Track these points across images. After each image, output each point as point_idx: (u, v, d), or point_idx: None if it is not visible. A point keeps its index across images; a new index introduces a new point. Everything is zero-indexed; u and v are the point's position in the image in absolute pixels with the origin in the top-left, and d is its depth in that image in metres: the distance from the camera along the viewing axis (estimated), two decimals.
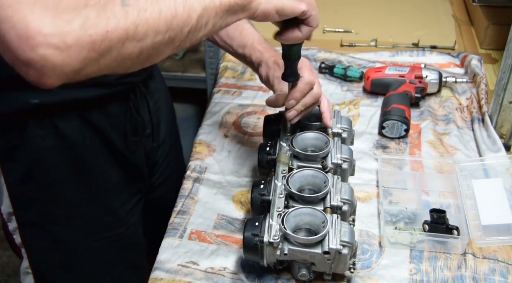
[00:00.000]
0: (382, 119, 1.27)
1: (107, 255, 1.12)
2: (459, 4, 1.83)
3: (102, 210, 1.07)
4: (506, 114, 1.25)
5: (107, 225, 1.09)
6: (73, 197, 1.03)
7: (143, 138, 1.11)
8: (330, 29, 1.70)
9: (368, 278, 0.98)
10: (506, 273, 0.98)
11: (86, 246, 1.08)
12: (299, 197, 0.94)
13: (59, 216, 1.04)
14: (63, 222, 1.04)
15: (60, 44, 0.61)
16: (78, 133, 0.98)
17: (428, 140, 1.27)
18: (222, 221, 1.09)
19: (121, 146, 1.05)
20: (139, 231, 1.19)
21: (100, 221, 1.08)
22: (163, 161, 1.24)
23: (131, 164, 1.09)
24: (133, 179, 1.12)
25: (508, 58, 1.20)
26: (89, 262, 1.10)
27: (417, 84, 1.35)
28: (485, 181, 1.13)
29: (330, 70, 1.49)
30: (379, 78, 1.38)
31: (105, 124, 1.01)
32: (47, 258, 1.08)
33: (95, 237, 1.08)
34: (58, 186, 1.01)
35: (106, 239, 1.10)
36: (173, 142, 1.29)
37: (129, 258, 1.16)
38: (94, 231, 1.08)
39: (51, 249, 1.06)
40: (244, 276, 0.98)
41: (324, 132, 1.06)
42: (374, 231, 1.06)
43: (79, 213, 1.05)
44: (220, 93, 1.44)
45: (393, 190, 1.13)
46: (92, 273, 1.12)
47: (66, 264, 1.08)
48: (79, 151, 0.99)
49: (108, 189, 1.07)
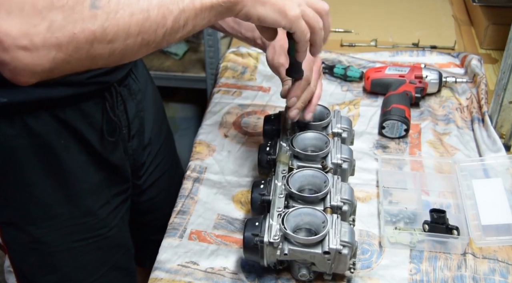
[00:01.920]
0: (382, 119, 1.27)
1: (89, 256, 1.10)
2: (459, 4, 1.83)
3: (80, 210, 1.05)
4: (506, 114, 1.25)
5: (87, 226, 1.07)
6: (50, 197, 1.01)
7: (119, 139, 1.08)
8: (330, 29, 1.70)
9: (368, 278, 0.98)
10: (506, 273, 0.98)
11: (66, 247, 1.06)
12: (299, 197, 0.94)
13: (36, 216, 1.02)
14: (41, 222, 1.02)
15: (29, 46, 0.63)
16: (52, 132, 0.95)
17: (428, 140, 1.27)
18: (222, 221, 1.09)
19: (98, 146, 1.02)
20: (123, 232, 1.16)
21: (79, 221, 1.05)
22: (151, 162, 1.22)
23: (111, 164, 1.07)
24: (114, 180, 1.10)
25: (508, 58, 1.20)
26: (71, 262, 1.08)
27: (417, 84, 1.35)
28: (485, 181, 1.13)
29: (330, 70, 1.49)
30: (379, 78, 1.38)
31: (80, 124, 0.98)
32: (27, 258, 1.06)
33: (75, 237, 1.06)
34: (34, 186, 0.99)
35: (86, 240, 1.07)
36: (163, 143, 1.26)
37: (113, 259, 1.14)
38: (73, 231, 1.05)
39: (31, 249, 1.05)
40: (244, 276, 0.98)
41: (324, 132, 1.06)
42: (374, 231, 1.06)
43: (57, 213, 1.03)
44: (220, 93, 1.44)
45: (393, 190, 1.13)
46: (75, 274, 1.10)
47: (47, 264, 1.07)
48: (54, 150, 0.97)
49: (86, 190, 1.04)
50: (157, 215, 1.29)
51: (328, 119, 1.09)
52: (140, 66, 1.17)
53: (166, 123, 1.32)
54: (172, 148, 1.36)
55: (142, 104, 1.14)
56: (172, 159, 1.34)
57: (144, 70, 1.20)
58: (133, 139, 1.13)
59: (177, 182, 1.24)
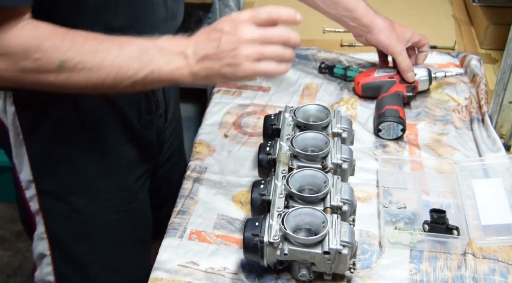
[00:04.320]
0: (378, 122, 1.27)
1: (120, 229, 1.16)
2: (459, 4, 1.83)
3: (117, 184, 1.13)
4: (506, 114, 1.25)
5: (122, 200, 1.14)
6: (91, 170, 1.08)
7: (156, 118, 1.16)
8: (330, 29, 1.70)
9: (368, 278, 0.98)
10: (506, 273, 0.98)
11: (101, 218, 1.13)
12: (299, 197, 0.94)
13: (77, 187, 1.09)
14: (81, 194, 1.10)
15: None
16: (96, 109, 1.04)
17: (427, 140, 1.27)
18: (222, 221, 1.09)
19: (136, 124, 1.10)
20: (147, 206, 1.23)
21: (115, 195, 1.13)
22: (168, 139, 1.29)
23: (145, 142, 1.15)
24: (146, 157, 1.18)
25: (508, 58, 1.20)
26: (103, 233, 1.14)
27: (408, 84, 1.34)
28: (485, 181, 1.13)
29: (330, 70, 1.48)
30: (369, 82, 1.37)
31: (121, 102, 1.06)
32: (63, 225, 1.12)
33: (110, 210, 1.13)
34: (77, 160, 1.07)
35: (120, 213, 1.15)
36: (177, 123, 1.35)
37: (138, 233, 1.21)
38: (110, 204, 1.13)
39: (68, 218, 1.11)
40: (244, 276, 0.98)
41: (324, 132, 1.06)
42: (374, 231, 1.06)
43: (97, 186, 1.10)
44: (220, 93, 1.44)
45: (393, 190, 1.13)
46: (105, 245, 1.16)
47: (81, 233, 1.13)
48: (97, 127, 1.06)
49: (123, 165, 1.13)
50: (165, 190, 1.36)
51: (328, 119, 1.09)
52: None
53: (178, 105, 1.40)
54: (181, 126, 1.42)
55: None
56: (180, 136, 1.41)
57: None
58: (160, 118, 1.20)
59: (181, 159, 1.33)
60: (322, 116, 1.10)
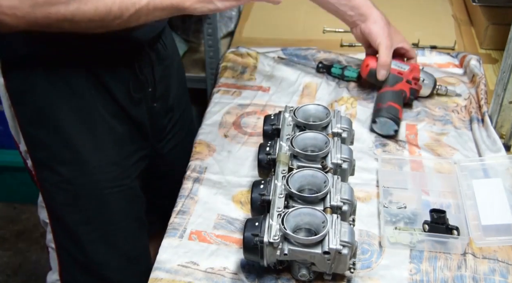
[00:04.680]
0: (376, 114, 1.26)
1: (114, 204, 1.17)
2: (459, 4, 1.83)
3: (106, 159, 1.14)
4: (506, 114, 1.25)
5: (113, 175, 1.16)
6: (80, 143, 1.11)
7: (143, 98, 1.18)
8: (330, 29, 1.70)
9: (368, 278, 0.98)
10: (506, 273, 0.98)
11: (92, 192, 1.14)
12: (299, 197, 0.94)
13: (67, 159, 1.12)
14: (70, 165, 1.12)
15: (12, 16, 0.87)
16: (83, 83, 1.07)
17: (426, 140, 1.27)
18: (222, 221, 1.09)
19: (122, 100, 1.13)
20: (142, 186, 1.25)
21: (105, 170, 1.15)
22: (171, 128, 1.31)
23: (132, 120, 1.17)
24: (136, 136, 1.20)
25: (508, 58, 1.20)
26: (95, 206, 1.16)
27: (413, 86, 1.33)
28: (485, 181, 1.13)
29: (327, 70, 1.48)
30: None
31: (109, 78, 1.09)
32: (56, 196, 1.15)
33: (101, 185, 1.15)
34: (65, 131, 1.09)
35: (112, 188, 1.16)
36: (182, 113, 1.35)
37: (135, 209, 1.22)
38: (100, 179, 1.14)
39: (60, 188, 1.13)
40: (244, 276, 0.98)
41: (324, 132, 1.06)
42: (374, 231, 1.06)
43: (85, 159, 1.12)
44: (219, 93, 1.44)
45: (393, 190, 1.13)
46: (98, 218, 1.17)
47: (73, 204, 1.15)
48: (84, 99, 1.08)
49: (111, 140, 1.14)
50: (168, 181, 1.36)
51: (328, 119, 1.09)
52: (169, 37, 1.28)
53: (186, 97, 1.41)
54: (190, 120, 1.43)
55: (169, 70, 1.24)
56: (188, 129, 1.41)
57: (172, 42, 1.32)
58: (157, 101, 1.22)
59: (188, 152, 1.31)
60: (322, 116, 1.10)
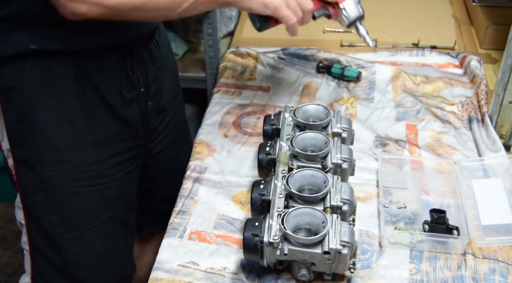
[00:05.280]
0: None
1: (91, 203, 1.15)
2: (459, 4, 1.84)
3: (88, 159, 1.12)
4: (506, 114, 1.25)
5: (92, 173, 1.13)
6: (62, 142, 1.09)
7: (135, 97, 1.15)
8: (330, 29, 1.70)
9: (368, 278, 0.98)
10: (506, 273, 0.98)
11: (71, 191, 1.12)
12: (299, 197, 0.94)
13: (47, 158, 1.10)
14: (51, 165, 1.10)
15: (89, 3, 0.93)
16: (72, 81, 1.05)
17: (426, 140, 1.27)
18: (222, 221, 1.09)
19: (113, 100, 1.11)
20: (128, 187, 1.22)
21: (86, 168, 1.12)
22: (163, 129, 1.28)
23: (123, 119, 1.15)
24: (126, 135, 1.17)
25: (508, 58, 1.20)
26: (74, 206, 1.14)
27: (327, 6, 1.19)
28: (485, 181, 1.13)
29: (327, 70, 1.48)
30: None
31: (99, 77, 1.07)
32: (35, 196, 1.13)
33: (80, 183, 1.13)
34: (48, 130, 1.08)
35: (90, 187, 1.14)
36: (174, 114, 1.32)
37: (113, 209, 1.20)
38: (80, 177, 1.12)
39: (39, 188, 1.12)
40: (244, 276, 0.98)
41: (324, 132, 1.06)
42: (374, 231, 1.06)
43: (66, 159, 1.10)
44: (220, 93, 1.44)
45: (393, 190, 1.13)
46: (77, 218, 1.15)
47: (52, 205, 1.13)
48: (71, 99, 1.07)
49: (97, 140, 1.12)
50: (161, 183, 1.35)
51: (328, 119, 1.08)
52: (163, 37, 1.27)
53: (180, 98, 1.38)
54: (182, 119, 1.40)
55: (161, 71, 1.22)
56: (181, 130, 1.38)
57: (167, 43, 1.30)
58: (150, 101, 1.20)
59: (184, 155, 1.31)
60: (322, 116, 1.10)
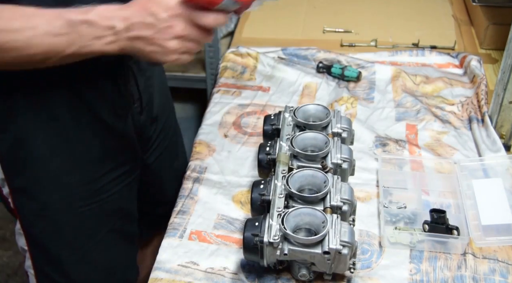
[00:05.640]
0: None
1: (90, 220, 1.15)
2: (459, 4, 1.84)
3: (86, 178, 1.11)
4: (506, 114, 1.25)
5: (90, 192, 1.12)
6: (59, 167, 1.07)
7: (129, 112, 1.13)
8: (330, 29, 1.71)
9: (368, 278, 0.98)
10: (506, 273, 0.98)
11: (71, 213, 1.12)
12: (299, 197, 0.94)
13: (46, 185, 1.08)
14: (51, 191, 1.09)
15: None
16: (64, 104, 1.02)
17: (426, 140, 1.27)
18: (222, 221, 1.09)
19: (107, 117, 1.08)
20: (126, 199, 1.21)
21: (84, 188, 1.11)
22: (156, 137, 1.26)
23: (119, 135, 1.13)
24: (121, 150, 1.15)
25: (508, 58, 1.20)
26: (73, 226, 1.13)
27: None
28: (485, 181, 1.13)
29: (327, 70, 1.49)
30: None
31: (92, 96, 1.05)
32: (36, 223, 1.12)
33: (79, 203, 1.12)
34: (45, 157, 1.06)
35: (89, 205, 1.13)
36: (166, 120, 1.30)
37: (111, 222, 1.19)
38: (79, 198, 1.11)
39: (40, 216, 1.10)
40: (244, 276, 0.98)
41: (324, 132, 1.06)
42: (374, 231, 1.06)
43: (66, 182, 1.09)
44: (219, 93, 1.44)
45: (393, 190, 1.13)
46: (77, 237, 1.15)
47: (54, 230, 1.12)
48: (65, 123, 1.04)
49: (93, 159, 1.11)
50: (157, 190, 1.34)
51: (328, 119, 1.08)
52: None
53: (169, 104, 1.36)
54: (173, 125, 1.38)
55: (151, 80, 1.19)
56: (172, 135, 1.36)
57: None
58: (142, 114, 1.17)
59: (178, 159, 1.29)
60: (322, 116, 1.10)
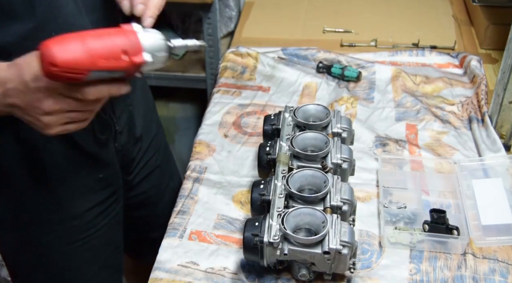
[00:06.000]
0: None
1: (79, 257, 1.11)
2: (459, 4, 1.84)
3: (69, 214, 1.06)
4: (506, 114, 1.25)
5: (75, 229, 1.08)
6: (38, 203, 1.03)
7: (111, 137, 1.07)
8: (330, 29, 1.71)
9: (368, 278, 0.98)
10: (506, 273, 0.98)
11: (56, 249, 1.08)
12: (299, 197, 0.94)
13: (25, 221, 1.04)
14: (30, 227, 1.05)
15: None
16: (39, 138, 0.93)
17: (426, 140, 1.27)
18: (222, 221, 1.09)
19: (89, 145, 1.03)
20: (114, 231, 1.17)
21: (67, 225, 1.07)
22: (141, 158, 1.20)
23: (102, 163, 1.07)
24: (105, 181, 1.10)
25: (508, 58, 1.20)
26: (61, 263, 1.10)
27: None
28: (485, 181, 1.13)
29: (327, 70, 1.49)
30: None
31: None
32: (17, 257, 1.09)
33: (64, 240, 1.08)
34: (22, 194, 1.01)
35: (75, 243, 1.09)
36: (153, 138, 1.24)
37: (102, 258, 1.15)
38: (62, 235, 1.07)
39: (22, 249, 1.08)
40: (244, 276, 0.98)
41: (324, 132, 1.06)
42: (374, 231, 1.06)
43: (46, 219, 1.04)
44: (220, 93, 1.44)
45: (393, 190, 1.13)
46: (67, 274, 1.11)
47: (37, 263, 1.09)
48: (41, 156, 0.98)
49: (76, 194, 1.05)
50: (149, 211, 1.29)
51: (328, 119, 1.08)
52: None
53: (156, 118, 1.28)
54: (163, 142, 1.32)
55: (130, 98, 1.11)
56: (163, 153, 1.30)
57: None
58: (121, 135, 1.10)
59: (170, 178, 1.25)
60: (322, 116, 1.10)
